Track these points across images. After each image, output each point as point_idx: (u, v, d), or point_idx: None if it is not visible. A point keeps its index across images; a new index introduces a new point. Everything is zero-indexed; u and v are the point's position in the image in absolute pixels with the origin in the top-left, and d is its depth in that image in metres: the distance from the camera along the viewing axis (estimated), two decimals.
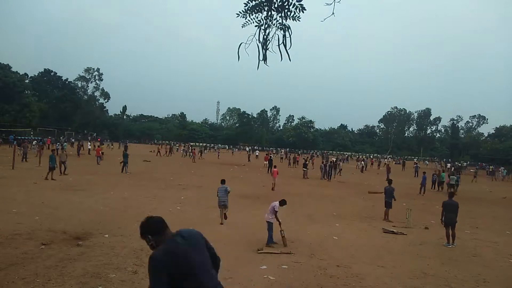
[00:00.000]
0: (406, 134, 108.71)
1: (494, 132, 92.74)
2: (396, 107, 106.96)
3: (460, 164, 58.76)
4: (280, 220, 9.01)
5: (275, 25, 3.84)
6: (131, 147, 43.30)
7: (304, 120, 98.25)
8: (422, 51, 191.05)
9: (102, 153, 29.68)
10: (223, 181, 11.41)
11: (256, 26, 3.85)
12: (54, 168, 17.78)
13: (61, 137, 58.12)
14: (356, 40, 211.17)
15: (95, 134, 76.53)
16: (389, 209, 13.05)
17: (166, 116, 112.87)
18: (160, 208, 12.51)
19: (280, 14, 3.78)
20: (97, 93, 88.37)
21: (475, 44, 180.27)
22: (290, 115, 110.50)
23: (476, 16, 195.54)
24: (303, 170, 27.89)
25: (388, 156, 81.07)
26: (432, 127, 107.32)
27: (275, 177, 20.32)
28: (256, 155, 54.88)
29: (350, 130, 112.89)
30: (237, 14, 3.81)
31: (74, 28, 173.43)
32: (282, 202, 9.29)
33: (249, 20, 3.84)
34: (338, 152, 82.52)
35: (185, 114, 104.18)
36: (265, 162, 32.71)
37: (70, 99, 73.62)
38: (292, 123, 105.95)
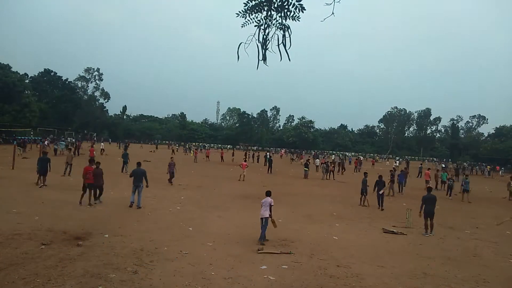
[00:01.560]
0: (406, 134, 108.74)
1: (494, 132, 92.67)
2: (396, 107, 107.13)
3: (463, 165, 58.38)
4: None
5: (275, 25, 3.84)
6: (133, 147, 43.28)
7: (304, 120, 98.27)
8: (422, 51, 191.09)
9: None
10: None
11: (255, 26, 3.86)
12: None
13: (62, 137, 58.12)
14: (356, 39, 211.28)
15: (95, 134, 76.55)
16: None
17: (166, 116, 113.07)
18: (160, 207, 12.52)
19: (279, 14, 3.78)
20: (97, 93, 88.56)
21: (476, 44, 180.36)
22: (290, 115, 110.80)
23: (476, 16, 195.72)
24: (304, 170, 27.88)
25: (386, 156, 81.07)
26: (432, 127, 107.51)
27: (244, 169, 23.37)
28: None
29: (350, 130, 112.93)
30: (237, 14, 3.81)
31: (74, 28, 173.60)
32: (268, 193, 9.57)
33: (249, 20, 3.85)
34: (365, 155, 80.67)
35: (185, 114, 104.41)
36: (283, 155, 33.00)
37: (70, 99, 73.57)
38: (292, 123, 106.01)
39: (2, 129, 47.10)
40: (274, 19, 3.82)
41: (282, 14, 3.76)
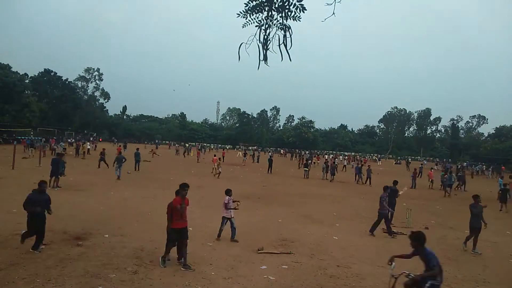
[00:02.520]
0: (406, 134, 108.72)
1: (494, 132, 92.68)
2: (396, 107, 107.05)
3: (462, 164, 58.19)
4: (234, 207, 9.26)
5: (276, 25, 3.85)
6: (132, 147, 43.29)
7: (304, 120, 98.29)
8: (422, 51, 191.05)
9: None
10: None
11: (256, 26, 3.86)
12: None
13: (64, 138, 58.24)
14: (356, 39, 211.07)
15: (95, 134, 76.51)
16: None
17: (166, 116, 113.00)
18: (160, 208, 12.48)
19: (280, 14, 3.78)
20: (97, 93, 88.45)
21: (476, 44, 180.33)
22: (290, 115, 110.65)
23: (476, 15, 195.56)
24: (304, 170, 27.90)
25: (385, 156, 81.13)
26: (432, 127, 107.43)
27: (214, 163, 25.18)
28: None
29: (350, 130, 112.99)
30: (238, 14, 3.82)
31: (74, 28, 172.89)
32: (227, 192, 9.48)
33: (249, 20, 3.85)
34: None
35: (185, 114, 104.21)
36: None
37: (70, 99, 73.54)
38: (292, 123, 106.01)
39: (2, 129, 47.11)
40: (275, 19, 3.83)
41: (283, 14, 3.76)
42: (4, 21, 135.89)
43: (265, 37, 3.86)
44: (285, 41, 3.84)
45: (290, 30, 3.83)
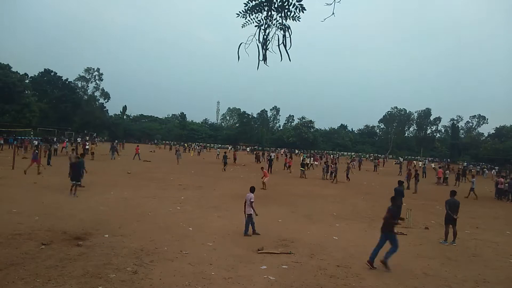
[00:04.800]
0: (406, 134, 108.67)
1: (494, 132, 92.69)
2: (396, 107, 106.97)
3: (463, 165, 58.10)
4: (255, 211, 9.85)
5: (275, 25, 3.85)
6: (132, 147, 43.29)
7: (304, 120, 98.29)
8: (423, 51, 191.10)
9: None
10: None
11: (256, 26, 3.86)
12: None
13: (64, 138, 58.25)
14: (356, 40, 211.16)
15: (95, 134, 76.51)
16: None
17: (166, 116, 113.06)
18: (160, 208, 12.53)
19: (280, 14, 3.78)
20: (97, 93, 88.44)
21: (476, 44, 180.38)
22: (290, 115, 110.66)
23: (477, 15, 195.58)
24: (301, 170, 27.88)
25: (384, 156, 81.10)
26: (432, 127, 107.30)
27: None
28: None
29: (350, 130, 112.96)
30: (237, 14, 3.82)
31: (74, 27, 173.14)
32: (252, 189, 10.22)
33: (249, 20, 3.85)
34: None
35: (185, 114, 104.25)
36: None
37: (70, 99, 73.51)
38: (292, 123, 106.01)
39: (2, 129, 47.11)
40: (274, 19, 3.82)
41: (283, 14, 3.76)
42: (5, 21, 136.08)
43: (265, 37, 3.86)
44: (284, 41, 3.84)
45: (289, 30, 3.83)
